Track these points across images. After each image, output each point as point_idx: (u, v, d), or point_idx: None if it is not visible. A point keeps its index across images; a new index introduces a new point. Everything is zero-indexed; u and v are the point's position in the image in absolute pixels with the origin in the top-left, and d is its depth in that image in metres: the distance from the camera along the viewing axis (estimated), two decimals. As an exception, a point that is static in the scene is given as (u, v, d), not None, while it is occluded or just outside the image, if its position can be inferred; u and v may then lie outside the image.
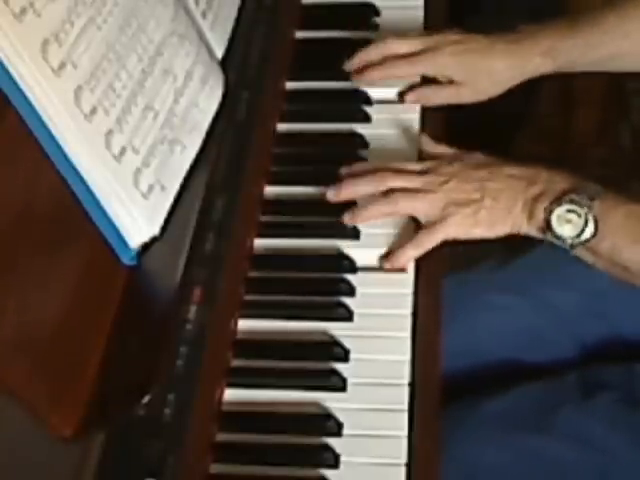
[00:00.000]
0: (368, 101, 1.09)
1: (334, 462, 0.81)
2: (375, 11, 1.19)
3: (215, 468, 0.82)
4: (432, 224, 0.93)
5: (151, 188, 0.80)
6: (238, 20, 1.03)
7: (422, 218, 0.95)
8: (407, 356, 0.88)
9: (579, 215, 0.88)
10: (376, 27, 1.18)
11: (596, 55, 1.06)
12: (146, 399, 0.72)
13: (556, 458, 0.97)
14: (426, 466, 0.81)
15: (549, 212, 0.90)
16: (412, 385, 0.86)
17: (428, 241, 0.93)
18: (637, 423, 0.97)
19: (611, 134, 1.98)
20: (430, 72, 1.08)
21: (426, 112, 1.08)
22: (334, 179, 1.02)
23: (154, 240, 0.79)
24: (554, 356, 1.08)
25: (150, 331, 0.76)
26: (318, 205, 1.00)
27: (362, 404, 0.85)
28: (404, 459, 0.81)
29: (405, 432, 0.83)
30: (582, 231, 0.88)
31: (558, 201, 0.90)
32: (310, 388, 0.86)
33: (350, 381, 0.86)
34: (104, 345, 0.72)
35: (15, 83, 0.70)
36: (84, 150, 0.74)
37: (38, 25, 0.71)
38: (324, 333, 0.90)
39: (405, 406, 0.84)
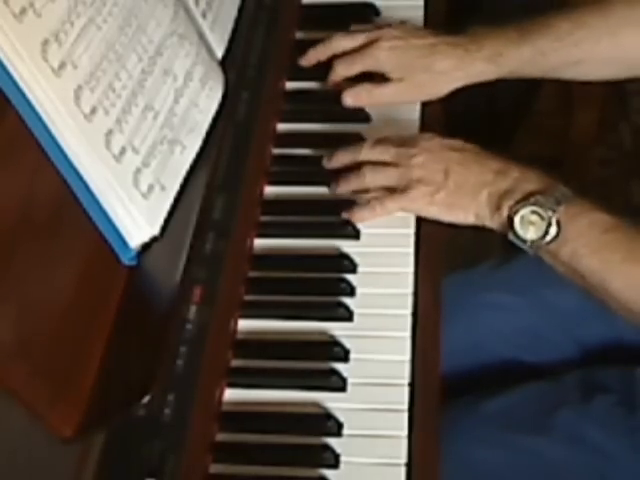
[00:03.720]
0: (368, 101, 1.09)
1: (334, 462, 0.81)
2: (375, 11, 1.19)
3: (215, 468, 0.82)
4: (392, 193, 0.95)
5: (151, 188, 0.80)
6: (238, 20, 1.03)
7: (387, 185, 0.96)
8: (407, 356, 0.88)
9: (542, 218, 0.88)
10: (376, 27, 1.18)
11: (547, 63, 1.04)
12: (146, 399, 0.72)
13: (554, 459, 0.97)
14: (426, 466, 0.82)
15: (514, 212, 0.89)
16: (412, 385, 0.86)
17: (383, 207, 0.95)
18: (635, 427, 0.97)
19: (611, 134, 1.98)
20: (369, 68, 1.07)
21: (426, 111, 1.08)
22: (334, 179, 1.02)
23: (154, 240, 0.79)
24: (554, 357, 1.08)
25: (150, 331, 0.76)
26: (318, 205, 1.00)
27: (362, 404, 0.85)
28: (404, 459, 0.81)
29: (405, 432, 0.83)
30: (544, 235, 0.88)
31: (524, 201, 0.89)
32: (310, 388, 0.86)
33: (350, 381, 0.86)
34: (104, 345, 0.72)
35: (15, 83, 0.70)
36: (84, 150, 0.74)
37: (38, 25, 0.71)
38: (324, 333, 0.90)
39: (405, 406, 0.84)
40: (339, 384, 0.86)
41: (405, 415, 0.84)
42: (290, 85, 1.12)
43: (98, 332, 0.73)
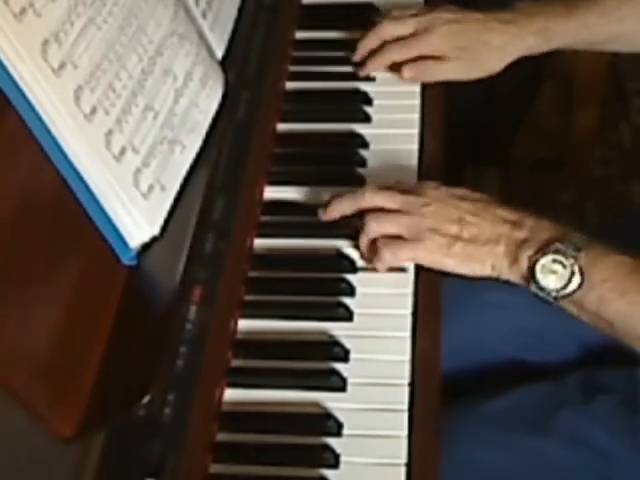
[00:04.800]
0: (368, 101, 1.09)
1: (334, 462, 0.81)
2: (375, 11, 1.19)
3: (215, 468, 0.82)
4: (404, 241, 0.91)
5: (151, 188, 0.80)
6: (238, 20, 1.03)
7: (396, 233, 0.92)
8: (407, 356, 0.88)
9: (564, 266, 0.85)
10: (376, 27, 1.18)
11: (592, 37, 1.08)
12: (146, 399, 0.72)
13: (555, 460, 0.97)
14: (426, 466, 0.81)
15: (533, 262, 0.87)
16: (412, 385, 0.86)
17: (393, 257, 0.92)
18: (637, 427, 0.97)
19: (611, 134, 1.98)
20: (426, 53, 1.09)
21: (426, 111, 1.08)
22: (334, 179, 1.02)
23: (154, 240, 0.79)
24: (555, 356, 1.08)
25: (150, 331, 0.76)
26: (318, 205, 1.00)
27: (362, 404, 0.85)
28: (404, 459, 0.81)
29: (405, 432, 0.83)
30: (567, 283, 0.85)
31: (543, 250, 0.86)
32: (310, 388, 0.86)
33: (350, 381, 0.86)
34: (104, 345, 0.72)
35: (15, 83, 0.70)
36: (84, 150, 0.74)
37: (38, 25, 0.71)
38: (324, 333, 0.90)
39: (405, 406, 0.84)
40: (339, 384, 0.86)
41: (405, 415, 0.84)
42: (290, 85, 1.12)
43: (98, 332, 0.73)
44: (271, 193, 1.01)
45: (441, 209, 0.91)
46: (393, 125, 1.07)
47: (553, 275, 0.86)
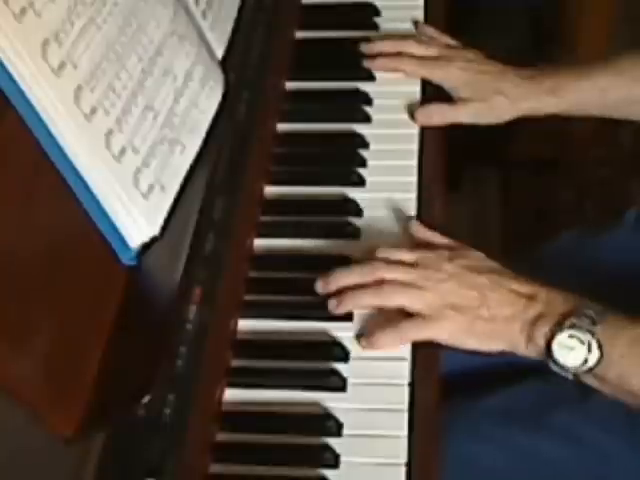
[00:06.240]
0: (368, 101, 1.09)
1: (334, 462, 0.81)
2: (375, 11, 1.19)
3: (215, 468, 0.82)
4: (423, 319, 0.88)
5: (151, 188, 0.80)
6: (238, 20, 1.03)
7: (413, 311, 0.89)
8: (407, 356, 0.88)
9: (582, 342, 0.84)
10: (376, 27, 1.18)
11: (607, 99, 1.06)
12: (146, 399, 0.72)
13: (553, 457, 0.97)
14: (426, 466, 0.82)
15: (550, 338, 0.85)
16: (412, 385, 0.86)
17: (413, 334, 0.88)
18: (633, 426, 0.97)
19: (611, 134, 1.98)
20: (437, 79, 1.09)
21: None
22: (334, 179, 1.02)
23: (154, 240, 0.79)
24: None
25: (150, 331, 0.76)
26: (318, 205, 1.00)
27: (362, 404, 0.85)
28: (404, 459, 0.81)
29: (405, 432, 0.83)
30: (586, 359, 0.84)
31: (559, 326, 0.85)
32: (310, 388, 0.86)
33: (350, 381, 0.86)
34: (104, 345, 0.72)
35: (15, 83, 0.70)
36: (84, 150, 0.74)
37: (38, 25, 0.71)
38: (324, 333, 0.90)
39: (405, 406, 0.84)
40: (339, 384, 0.86)
41: (405, 415, 0.84)
42: (290, 85, 1.12)
43: (98, 332, 0.73)
44: (271, 193, 1.01)
45: (459, 286, 0.89)
46: (393, 125, 1.07)
47: (571, 352, 0.84)
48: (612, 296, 0.86)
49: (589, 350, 0.84)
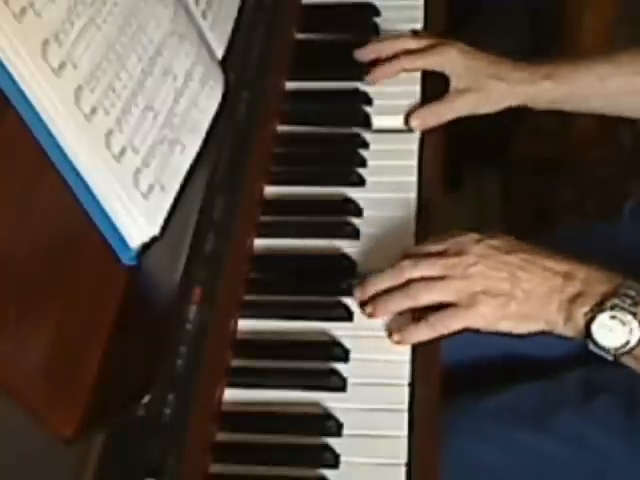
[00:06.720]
0: (368, 101, 1.09)
1: (334, 462, 0.81)
2: (375, 11, 1.19)
3: (215, 468, 0.82)
4: (457, 308, 0.87)
5: (151, 188, 0.80)
6: (238, 20, 1.03)
7: (448, 302, 0.87)
8: (407, 356, 0.88)
9: (623, 323, 0.82)
10: (376, 27, 1.18)
11: (605, 87, 1.05)
12: (146, 399, 0.72)
13: (554, 458, 0.97)
14: (426, 466, 0.82)
15: (590, 319, 0.83)
16: (412, 385, 0.86)
17: (447, 326, 0.87)
18: (636, 428, 0.97)
19: (611, 134, 1.98)
20: (436, 65, 1.08)
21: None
22: (334, 179, 1.02)
23: (154, 240, 0.79)
24: (557, 352, 1.07)
25: (150, 331, 0.76)
26: (318, 205, 1.00)
27: (362, 404, 0.85)
28: (404, 459, 0.81)
29: (405, 432, 0.83)
30: (627, 341, 0.83)
31: (599, 307, 0.83)
32: (310, 388, 0.86)
33: (350, 381, 0.86)
34: (104, 345, 0.72)
35: (15, 83, 0.70)
36: (84, 150, 0.74)
37: (38, 25, 0.71)
38: (324, 333, 0.90)
39: (405, 406, 0.84)
40: (339, 384, 0.86)
41: (405, 415, 0.84)
42: (290, 85, 1.12)
43: (98, 332, 0.73)
44: (271, 193, 1.01)
45: (489, 267, 0.87)
46: (393, 125, 1.07)
47: (611, 333, 0.83)
48: None
49: (630, 331, 0.82)
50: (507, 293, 0.86)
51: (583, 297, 0.85)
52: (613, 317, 0.83)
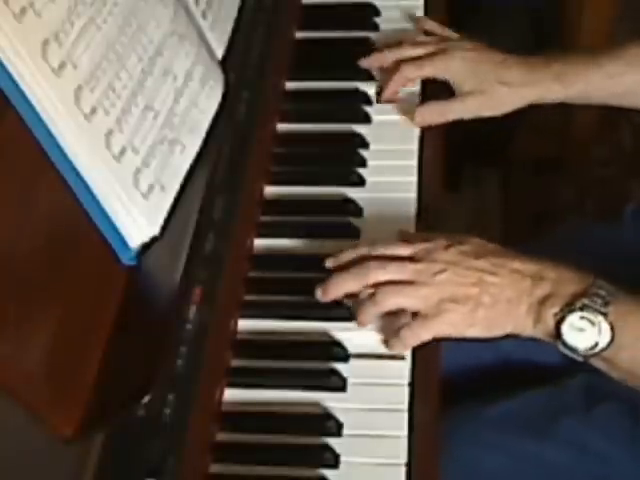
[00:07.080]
0: (368, 101, 1.09)
1: (334, 462, 0.81)
2: (375, 11, 1.19)
3: (215, 468, 0.82)
4: (424, 317, 0.86)
5: (151, 188, 0.80)
6: (238, 20, 1.03)
7: (413, 310, 0.87)
8: (407, 356, 0.88)
9: (593, 323, 0.81)
10: (376, 27, 1.18)
11: (615, 87, 1.03)
12: (146, 399, 0.72)
13: (556, 465, 0.97)
14: (426, 466, 0.82)
15: (560, 319, 0.83)
16: (412, 385, 0.86)
17: (417, 338, 0.86)
18: (638, 435, 0.96)
19: (611, 134, 1.98)
20: (439, 74, 1.07)
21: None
22: (334, 179, 1.02)
23: (154, 240, 0.79)
24: (558, 360, 1.07)
25: (150, 331, 0.76)
26: (318, 205, 1.00)
27: (362, 404, 0.85)
28: (404, 459, 0.81)
29: (405, 432, 0.83)
30: (597, 342, 0.82)
31: (569, 307, 0.82)
32: (310, 388, 0.86)
33: (350, 381, 0.86)
34: (104, 345, 0.72)
35: (15, 83, 0.70)
36: (84, 150, 0.74)
37: (38, 25, 0.71)
38: (324, 333, 0.90)
39: (405, 406, 0.84)
40: (339, 384, 0.86)
41: (405, 415, 0.84)
42: (290, 85, 1.12)
43: (98, 332, 0.73)
44: (271, 193, 1.01)
45: (456, 274, 0.85)
46: (393, 125, 1.07)
47: (581, 333, 0.82)
48: None
49: (599, 332, 0.82)
50: (475, 299, 0.85)
51: (553, 298, 0.84)
52: (583, 317, 0.82)
